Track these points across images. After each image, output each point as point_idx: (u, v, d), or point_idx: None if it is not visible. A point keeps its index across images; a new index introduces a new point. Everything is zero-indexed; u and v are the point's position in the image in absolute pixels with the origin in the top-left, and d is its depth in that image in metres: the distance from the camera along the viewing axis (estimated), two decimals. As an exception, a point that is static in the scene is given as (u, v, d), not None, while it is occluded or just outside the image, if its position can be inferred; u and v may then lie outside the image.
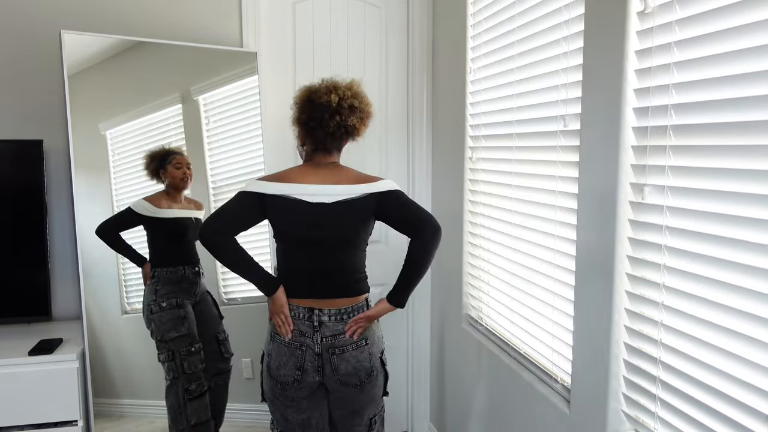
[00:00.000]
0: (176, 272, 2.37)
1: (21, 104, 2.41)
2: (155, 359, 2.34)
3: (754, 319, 1.11)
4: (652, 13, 1.34)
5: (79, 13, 2.44)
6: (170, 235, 2.40)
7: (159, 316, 2.32)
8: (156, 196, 2.37)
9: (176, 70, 2.45)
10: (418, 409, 3.03)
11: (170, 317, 2.33)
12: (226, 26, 2.60)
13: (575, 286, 1.65)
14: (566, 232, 1.73)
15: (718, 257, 1.19)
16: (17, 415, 2.03)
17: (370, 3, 2.79)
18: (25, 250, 2.31)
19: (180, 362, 2.33)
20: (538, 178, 1.89)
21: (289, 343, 1.81)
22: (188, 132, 2.44)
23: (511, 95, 2.04)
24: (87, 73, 2.24)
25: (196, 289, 2.41)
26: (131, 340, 2.37)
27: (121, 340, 2.32)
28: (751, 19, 1.10)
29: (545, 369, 1.88)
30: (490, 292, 2.26)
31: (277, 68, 2.68)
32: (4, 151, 2.30)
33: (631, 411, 1.48)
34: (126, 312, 2.35)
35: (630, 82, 1.41)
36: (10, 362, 2.01)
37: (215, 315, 2.46)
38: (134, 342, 2.37)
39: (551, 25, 1.77)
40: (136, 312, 2.37)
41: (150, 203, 2.35)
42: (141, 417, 2.36)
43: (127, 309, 2.35)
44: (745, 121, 1.12)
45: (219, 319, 2.47)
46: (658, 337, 1.36)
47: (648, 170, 1.38)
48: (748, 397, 1.13)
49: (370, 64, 2.81)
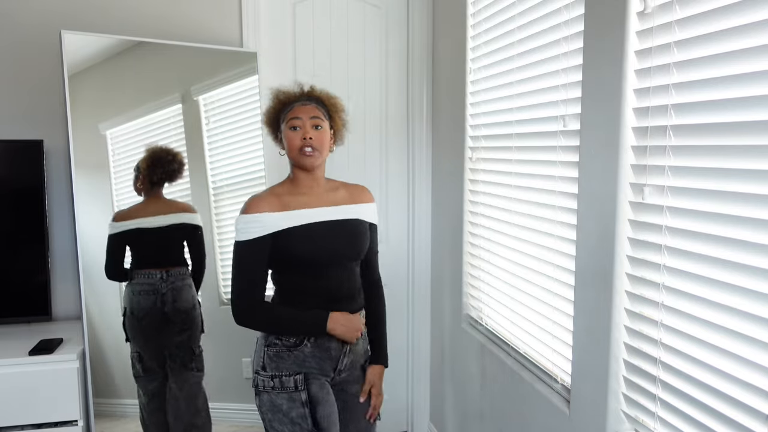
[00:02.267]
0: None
1: (21, 104, 2.41)
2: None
3: (754, 319, 1.11)
4: (652, 13, 1.34)
5: (79, 13, 2.44)
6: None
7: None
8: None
9: (176, 70, 2.45)
10: (418, 409, 3.03)
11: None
12: (226, 26, 2.60)
13: (575, 286, 1.65)
14: (566, 232, 1.73)
15: (718, 257, 1.19)
16: (17, 415, 2.03)
17: (370, 3, 2.79)
18: (26, 250, 2.31)
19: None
20: (538, 179, 1.89)
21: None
22: (188, 132, 2.44)
23: (511, 95, 2.04)
24: (87, 73, 2.24)
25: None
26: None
27: (121, 340, 2.32)
28: (751, 19, 1.10)
29: (545, 369, 1.88)
30: (490, 292, 2.26)
31: (277, 68, 2.68)
32: (4, 151, 2.30)
33: (631, 411, 1.48)
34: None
35: (630, 82, 1.41)
36: (10, 362, 2.01)
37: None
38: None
39: (551, 26, 1.77)
40: (136, 312, 2.37)
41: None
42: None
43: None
44: (745, 121, 1.12)
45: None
46: (658, 337, 1.36)
47: (648, 170, 1.38)
48: (748, 397, 1.13)
49: (370, 64, 2.81)
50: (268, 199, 1.68)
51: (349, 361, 1.77)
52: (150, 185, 2.32)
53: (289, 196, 1.71)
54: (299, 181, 1.74)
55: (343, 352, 1.74)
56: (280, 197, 1.70)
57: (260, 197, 1.70)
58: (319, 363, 1.71)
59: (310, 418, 1.67)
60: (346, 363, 1.76)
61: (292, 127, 1.69)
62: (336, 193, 1.78)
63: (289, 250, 1.66)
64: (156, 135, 2.39)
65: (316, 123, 1.69)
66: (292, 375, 1.68)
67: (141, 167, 2.29)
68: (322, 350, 1.71)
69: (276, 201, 1.68)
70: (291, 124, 1.68)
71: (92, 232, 2.25)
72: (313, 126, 1.69)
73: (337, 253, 1.70)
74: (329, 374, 1.74)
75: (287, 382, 1.67)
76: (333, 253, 1.70)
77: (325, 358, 1.72)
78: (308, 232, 1.67)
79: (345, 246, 1.72)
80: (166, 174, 2.33)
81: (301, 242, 1.66)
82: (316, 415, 1.68)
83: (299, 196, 1.72)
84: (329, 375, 1.74)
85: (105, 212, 2.30)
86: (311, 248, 1.67)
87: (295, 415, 1.66)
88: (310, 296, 1.70)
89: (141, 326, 2.30)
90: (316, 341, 1.69)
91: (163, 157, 2.32)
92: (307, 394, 1.68)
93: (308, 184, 1.74)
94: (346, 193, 1.80)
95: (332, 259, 1.70)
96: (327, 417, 1.70)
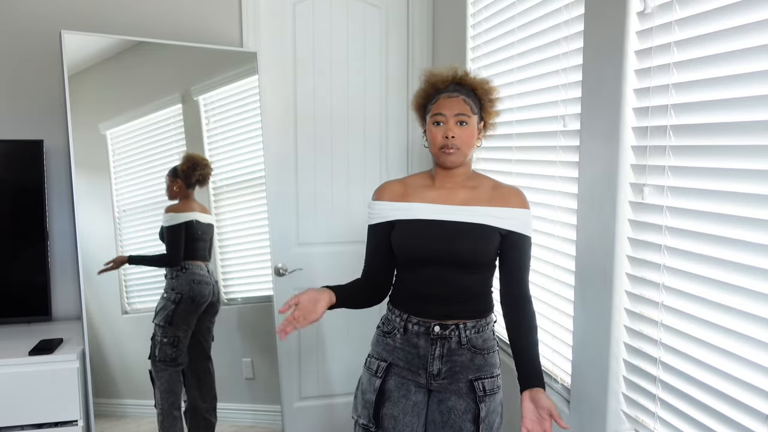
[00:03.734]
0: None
1: (21, 104, 2.41)
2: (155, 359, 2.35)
3: (754, 319, 1.11)
4: (652, 14, 1.34)
5: (79, 13, 2.43)
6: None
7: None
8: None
9: (176, 70, 2.44)
10: (418, 409, 3.03)
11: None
12: (226, 26, 2.60)
13: (575, 286, 1.65)
14: (566, 232, 1.73)
15: (718, 257, 1.19)
16: (17, 415, 2.03)
17: (370, 3, 2.79)
18: (26, 250, 2.31)
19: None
20: (538, 178, 1.89)
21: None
22: (188, 132, 2.44)
23: (512, 95, 2.05)
24: (87, 73, 2.24)
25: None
26: (131, 340, 2.37)
27: (121, 340, 2.32)
28: (751, 19, 1.10)
29: (545, 369, 1.88)
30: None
31: (277, 68, 2.68)
32: (4, 151, 2.29)
33: (631, 411, 1.48)
34: (126, 312, 2.35)
35: (630, 82, 1.41)
36: (10, 362, 2.01)
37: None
38: (134, 342, 2.37)
39: (551, 26, 1.78)
40: (136, 312, 2.37)
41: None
42: (142, 417, 2.36)
43: (127, 309, 2.35)
44: (745, 121, 1.12)
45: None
46: (658, 337, 1.36)
47: (648, 170, 1.38)
48: (748, 397, 1.13)
49: (370, 64, 2.81)
50: (393, 188, 1.69)
51: (446, 368, 1.62)
52: (186, 187, 2.44)
53: (418, 188, 1.68)
54: (437, 176, 1.67)
55: (432, 353, 1.62)
56: (408, 187, 1.69)
57: (388, 184, 1.71)
58: (406, 357, 1.65)
59: (373, 408, 1.65)
60: (439, 368, 1.62)
61: (435, 122, 1.60)
62: (473, 192, 1.64)
63: (393, 243, 1.66)
64: (156, 135, 2.39)
65: (461, 119, 1.58)
66: (378, 360, 1.68)
67: (180, 170, 2.42)
68: (410, 345, 1.64)
69: (400, 190, 1.68)
70: (435, 119, 1.59)
71: (92, 232, 2.25)
72: (458, 122, 1.58)
73: (433, 253, 1.60)
74: (420, 374, 1.64)
75: (372, 364, 1.69)
76: (428, 253, 1.60)
77: (413, 355, 1.64)
78: (412, 226, 1.63)
79: (443, 248, 1.59)
80: (201, 177, 2.46)
81: (402, 237, 1.64)
82: (381, 409, 1.65)
83: (429, 190, 1.67)
84: (420, 375, 1.64)
85: (105, 212, 2.30)
86: (408, 245, 1.63)
87: (366, 398, 1.67)
88: (412, 294, 1.66)
89: (196, 313, 2.45)
90: (405, 334, 1.65)
91: (200, 162, 2.46)
92: (381, 383, 1.66)
93: (444, 179, 1.66)
94: (486, 194, 1.64)
95: (427, 258, 1.61)
96: (392, 417, 1.64)
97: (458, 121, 1.57)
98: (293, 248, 2.77)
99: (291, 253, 2.75)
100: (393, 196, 1.67)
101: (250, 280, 2.58)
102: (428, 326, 1.61)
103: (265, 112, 2.59)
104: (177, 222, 2.41)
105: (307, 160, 2.77)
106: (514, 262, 1.62)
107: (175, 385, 2.43)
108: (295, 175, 2.77)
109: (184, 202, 2.43)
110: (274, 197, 2.67)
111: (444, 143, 1.57)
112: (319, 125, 2.76)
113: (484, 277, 1.64)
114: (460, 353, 1.62)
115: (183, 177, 2.42)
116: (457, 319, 1.62)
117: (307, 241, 2.80)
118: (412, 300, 1.65)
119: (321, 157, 2.79)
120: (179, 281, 2.41)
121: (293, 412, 2.82)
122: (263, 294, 2.56)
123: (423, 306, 1.63)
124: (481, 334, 1.64)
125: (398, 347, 1.65)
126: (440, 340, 1.61)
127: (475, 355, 1.63)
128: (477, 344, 1.63)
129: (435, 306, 1.62)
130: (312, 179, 2.78)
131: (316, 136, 2.77)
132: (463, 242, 1.58)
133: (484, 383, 1.63)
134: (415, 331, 1.63)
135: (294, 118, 2.74)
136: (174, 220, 2.41)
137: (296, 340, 2.81)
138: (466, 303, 1.63)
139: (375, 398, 1.64)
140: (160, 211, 2.38)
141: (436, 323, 1.61)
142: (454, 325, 1.61)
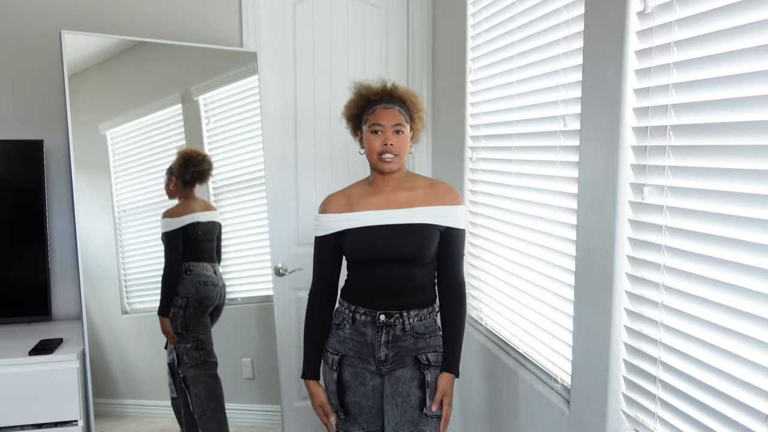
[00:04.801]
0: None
1: (21, 104, 2.41)
2: (155, 359, 2.35)
3: (754, 319, 1.11)
4: (652, 14, 1.34)
5: (79, 13, 2.43)
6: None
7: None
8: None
9: (176, 70, 2.45)
10: (418, 409, 3.03)
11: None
12: (226, 26, 2.60)
13: (575, 286, 1.65)
14: (566, 232, 1.73)
15: (718, 257, 1.19)
16: (17, 415, 2.03)
17: (370, 3, 2.79)
18: (26, 250, 2.31)
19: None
20: (538, 179, 1.89)
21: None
22: (188, 132, 2.44)
23: (511, 95, 2.05)
24: (87, 73, 2.24)
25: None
26: (131, 340, 2.37)
27: (122, 340, 2.32)
28: (751, 19, 1.10)
29: (545, 369, 1.88)
30: (490, 293, 2.26)
31: (277, 68, 2.68)
32: (4, 151, 2.30)
33: (631, 411, 1.48)
34: (126, 312, 2.35)
35: (630, 82, 1.41)
36: (10, 362, 2.01)
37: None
38: (134, 342, 2.37)
39: (551, 26, 1.77)
40: (136, 312, 2.37)
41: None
42: (141, 417, 2.36)
43: (127, 309, 2.35)
44: (745, 121, 1.12)
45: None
46: (658, 337, 1.36)
47: (648, 170, 1.38)
48: (748, 397, 1.13)
49: (370, 64, 2.81)
50: (337, 200, 1.82)
51: (392, 353, 1.77)
52: (183, 185, 2.39)
53: (361, 196, 1.81)
54: (375, 182, 1.81)
55: (378, 340, 1.76)
56: (351, 197, 1.81)
57: (331, 198, 1.84)
58: (356, 346, 1.79)
59: (337, 399, 1.81)
60: (386, 354, 1.77)
61: (373, 131, 1.74)
62: (411, 193, 1.79)
63: (345, 248, 1.80)
64: (156, 135, 2.39)
65: (397, 129, 1.73)
66: (333, 353, 1.82)
67: (173, 168, 2.38)
68: (358, 334, 1.79)
69: (344, 202, 1.81)
70: (373, 128, 1.74)
71: (92, 232, 2.25)
72: (395, 131, 1.73)
73: (384, 255, 1.74)
74: (369, 362, 1.78)
75: (328, 358, 1.83)
76: (379, 255, 1.74)
77: (362, 344, 1.78)
78: (362, 233, 1.76)
79: (393, 248, 1.74)
80: (197, 173, 2.41)
81: (353, 243, 1.77)
82: (344, 400, 1.81)
83: (371, 196, 1.80)
84: (370, 363, 1.78)
85: (105, 212, 2.30)
86: (360, 249, 1.76)
87: (330, 390, 1.83)
88: (363, 289, 1.80)
89: (205, 315, 2.43)
90: (354, 324, 1.79)
91: (194, 157, 2.41)
92: (338, 376, 1.80)
93: (383, 183, 1.80)
94: (422, 195, 1.79)
95: (379, 260, 1.75)
96: (356, 404, 1.80)
97: (395, 130, 1.73)
98: (293, 248, 2.77)
99: (291, 253, 2.75)
100: (339, 208, 1.80)
101: (250, 280, 2.58)
102: (374, 315, 1.76)
103: (265, 112, 2.59)
104: (173, 228, 2.38)
105: (307, 160, 2.77)
106: (452, 252, 1.80)
107: (213, 389, 2.42)
108: (295, 175, 2.77)
109: (182, 204, 2.41)
110: (274, 197, 2.67)
111: (383, 150, 1.72)
112: (319, 125, 2.76)
113: (427, 271, 1.80)
114: (405, 339, 1.77)
115: (177, 174, 2.38)
116: (402, 309, 1.77)
117: (307, 241, 2.78)
118: (361, 293, 1.80)
119: (321, 157, 2.79)
120: (184, 284, 2.39)
121: (293, 412, 2.82)
122: (263, 294, 2.56)
123: (372, 299, 1.78)
124: (423, 322, 1.79)
125: (348, 337, 1.80)
126: (386, 327, 1.76)
127: (417, 339, 1.78)
128: (419, 330, 1.78)
129: (384, 299, 1.77)
130: (312, 179, 2.78)
131: (316, 136, 2.77)
132: (408, 241, 1.74)
133: (428, 356, 1.79)
134: (362, 320, 1.78)
135: (294, 118, 2.74)
136: (170, 226, 2.38)
137: (296, 340, 2.81)
138: (412, 295, 1.78)
139: (336, 389, 1.81)
140: (161, 211, 2.38)
141: (381, 312, 1.76)
142: (398, 313, 1.76)
